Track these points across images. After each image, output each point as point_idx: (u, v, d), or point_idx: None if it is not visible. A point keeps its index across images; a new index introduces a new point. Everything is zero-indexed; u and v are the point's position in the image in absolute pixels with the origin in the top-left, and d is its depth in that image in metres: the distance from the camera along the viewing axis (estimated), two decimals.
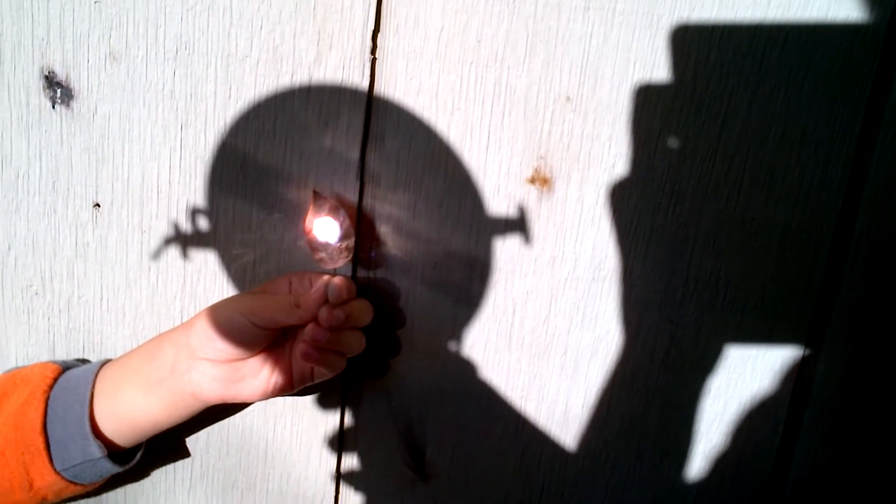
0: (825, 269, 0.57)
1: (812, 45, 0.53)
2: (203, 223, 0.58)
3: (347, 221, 0.54)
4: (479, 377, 0.60)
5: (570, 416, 0.61)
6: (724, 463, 0.62)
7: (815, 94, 0.54)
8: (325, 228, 0.53)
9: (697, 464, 0.62)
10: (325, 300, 0.52)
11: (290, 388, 0.55)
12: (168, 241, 0.58)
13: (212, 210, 0.57)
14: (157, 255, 0.58)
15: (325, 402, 0.61)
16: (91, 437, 0.52)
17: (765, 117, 0.54)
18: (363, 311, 0.55)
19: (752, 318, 0.58)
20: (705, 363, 0.59)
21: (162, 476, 0.63)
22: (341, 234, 0.53)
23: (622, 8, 0.53)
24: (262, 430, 0.62)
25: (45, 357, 0.61)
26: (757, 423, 0.61)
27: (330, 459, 0.63)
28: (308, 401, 0.61)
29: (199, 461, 0.63)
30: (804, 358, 0.59)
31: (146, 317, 0.60)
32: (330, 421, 0.62)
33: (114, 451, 0.54)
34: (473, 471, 0.63)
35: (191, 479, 0.63)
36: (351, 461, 0.63)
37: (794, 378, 0.60)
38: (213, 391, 0.53)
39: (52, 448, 0.52)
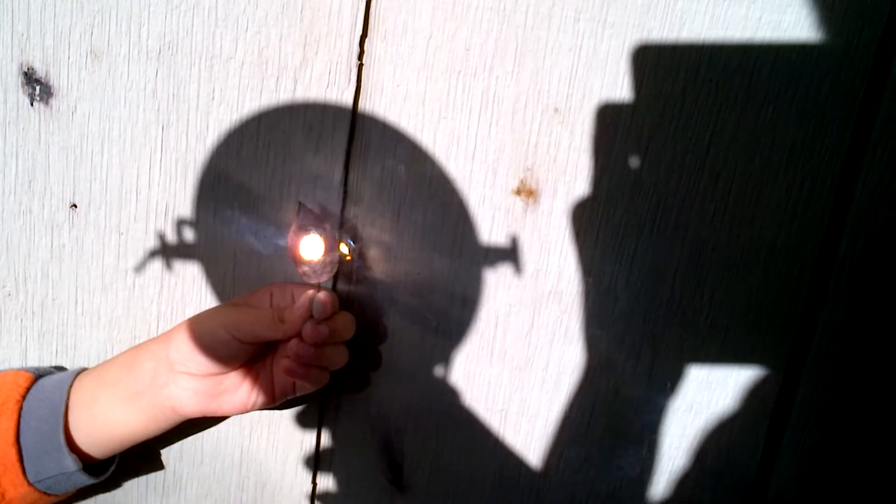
0: (809, 288, 0.57)
1: (801, 64, 0.53)
2: (182, 227, 0.57)
3: (332, 234, 0.53)
4: (460, 389, 0.60)
5: (551, 430, 0.60)
6: (703, 480, 0.61)
7: (803, 112, 0.54)
8: (310, 246, 0.51)
9: (678, 480, 0.61)
10: (309, 315, 0.51)
11: (271, 401, 0.54)
12: (147, 246, 0.57)
13: (192, 213, 0.56)
14: (139, 268, 0.57)
15: (302, 412, 0.60)
16: (66, 449, 0.51)
17: (753, 134, 0.54)
18: (346, 325, 0.54)
19: (734, 336, 0.58)
20: (687, 379, 0.59)
21: (134, 485, 0.62)
22: (326, 248, 0.52)
23: (612, 20, 0.52)
24: (237, 438, 0.61)
25: (16, 360, 0.59)
26: (738, 441, 0.60)
27: (306, 469, 0.62)
28: (285, 410, 0.60)
29: (173, 470, 0.62)
30: (785, 376, 0.59)
31: (122, 321, 0.58)
32: (307, 430, 0.61)
33: (88, 463, 0.53)
34: (452, 483, 0.62)
35: (164, 488, 0.62)
36: (328, 471, 0.62)
37: (775, 396, 0.59)
38: (193, 405, 0.52)
39: (25, 460, 0.50)
